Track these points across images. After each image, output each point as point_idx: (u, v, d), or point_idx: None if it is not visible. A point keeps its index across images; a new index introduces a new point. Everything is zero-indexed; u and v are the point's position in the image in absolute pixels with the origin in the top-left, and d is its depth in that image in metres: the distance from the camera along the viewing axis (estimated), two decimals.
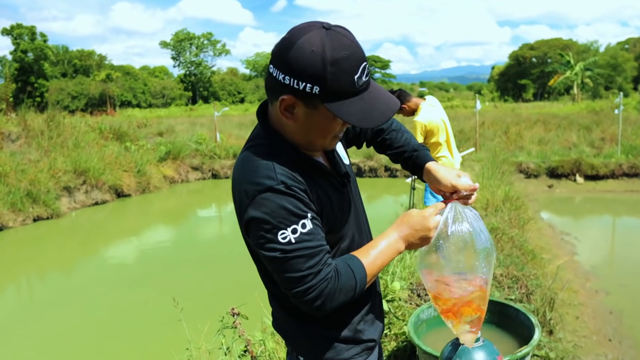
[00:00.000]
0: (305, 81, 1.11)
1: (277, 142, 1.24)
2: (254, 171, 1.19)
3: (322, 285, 1.17)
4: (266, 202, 1.14)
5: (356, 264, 1.23)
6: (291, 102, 1.15)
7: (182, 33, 64.26)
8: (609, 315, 4.77)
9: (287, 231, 1.14)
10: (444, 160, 4.79)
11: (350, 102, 1.14)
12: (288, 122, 1.20)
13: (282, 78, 1.13)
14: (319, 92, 1.11)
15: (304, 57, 1.09)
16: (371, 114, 1.16)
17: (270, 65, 1.17)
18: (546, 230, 7.72)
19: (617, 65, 48.12)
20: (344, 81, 1.12)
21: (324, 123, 1.19)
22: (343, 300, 1.21)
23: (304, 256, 1.16)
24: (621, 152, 12.07)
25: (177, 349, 2.87)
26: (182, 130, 17.89)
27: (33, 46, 48.62)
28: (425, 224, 1.31)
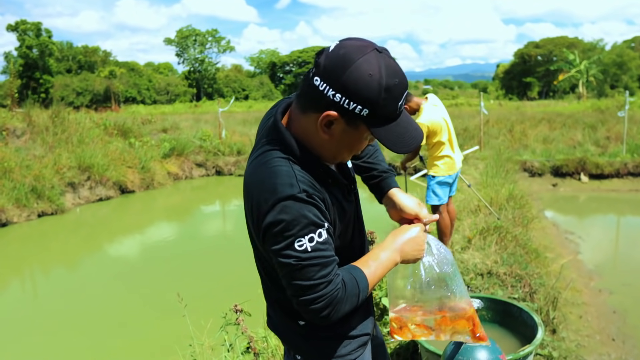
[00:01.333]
0: (357, 103, 1.12)
1: (298, 149, 1.23)
2: (275, 177, 1.18)
3: (332, 295, 1.18)
4: (287, 210, 1.14)
5: (360, 275, 1.26)
6: (334, 119, 1.16)
7: (187, 30, 64.25)
8: (613, 315, 4.76)
9: (305, 239, 1.15)
10: (446, 159, 4.78)
11: (390, 127, 1.19)
12: (322, 136, 1.20)
13: (332, 95, 1.13)
14: (367, 115, 1.14)
15: (361, 80, 1.10)
16: (405, 139, 1.21)
17: (316, 77, 1.15)
18: (550, 229, 7.71)
19: (623, 64, 47.88)
20: (391, 108, 1.16)
21: (356, 141, 1.23)
22: (347, 310, 1.23)
23: (317, 265, 1.17)
24: (626, 151, 12.01)
25: (181, 344, 2.88)
26: (187, 126, 17.90)
27: (38, 42, 48.72)
28: (420, 243, 1.38)
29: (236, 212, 11.20)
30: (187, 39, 63.64)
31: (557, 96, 48.71)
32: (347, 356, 1.40)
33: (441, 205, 4.84)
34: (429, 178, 4.85)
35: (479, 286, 4.19)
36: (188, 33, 63.94)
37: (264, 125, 1.36)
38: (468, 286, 4.18)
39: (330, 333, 1.38)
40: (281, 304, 1.39)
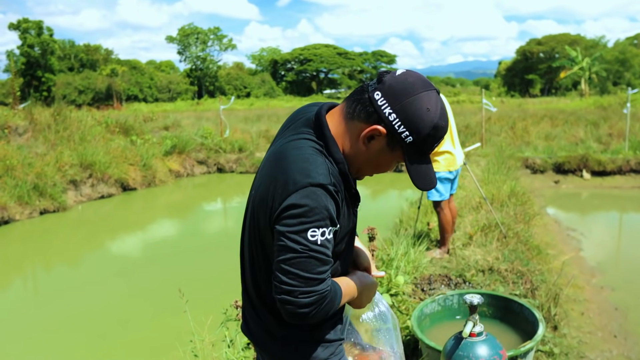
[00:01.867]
0: (407, 129, 1.20)
1: (336, 152, 1.26)
2: (309, 163, 1.20)
3: (321, 294, 1.19)
4: (314, 197, 1.16)
5: (339, 288, 1.29)
6: (379, 135, 1.23)
7: (189, 27, 64.20)
8: (615, 312, 4.75)
9: (318, 231, 1.17)
10: (446, 155, 4.77)
11: (420, 163, 1.27)
12: (360, 147, 1.26)
13: (388, 113, 1.20)
14: (409, 143, 1.22)
15: (420, 111, 1.19)
16: (425, 179, 1.28)
17: (377, 92, 1.22)
18: (552, 226, 7.70)
19: (626, 61, 47.71)
20: (430, 145, 1.24)
21: (386, 163, 1.31)
22: (324, 314, 1.24)
23: (319, 260, 1.18)
24: (629, 148, 11.99)
25: (182, 340, 2.88)
26: (188, 124, 17.90)
27: (39, 40, 48.74)
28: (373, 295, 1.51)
29: (237, 209, 11.20)
30: (189, 37, 63.60)
31: (559, 93, 48.60)
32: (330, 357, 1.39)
33: (442, 201, 4.83)
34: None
35: (480, 282, 4.19)
36: (190, 31, 63.89)
37: (295, 118, 1.39)
38: (469, 282, 4.18)
39: (307, 338, 1.37)
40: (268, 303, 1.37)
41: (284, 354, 1.38)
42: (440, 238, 5.01)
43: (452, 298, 3.28)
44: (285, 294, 1.18)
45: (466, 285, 4.14)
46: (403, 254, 4.23)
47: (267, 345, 1.41)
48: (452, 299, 3.27)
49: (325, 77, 65.75)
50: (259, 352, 1.48)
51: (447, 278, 4.24)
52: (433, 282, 4.15)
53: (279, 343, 1.38)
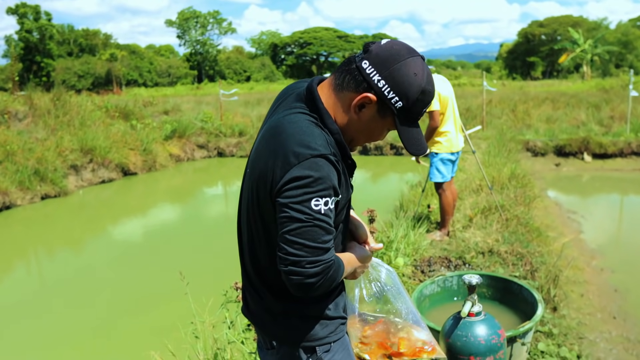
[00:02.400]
0: (396, 94, 1.23)
1: (331, 123, 1.28)
2: (308, 135, 1.22)
3: (327, 264, 1.20)
4: (316, 167, 1.17)
5: (341, 261, 1.30)
6: (369, 103, 1.25)
7: (188, 11, 63.69)
8: (614, 293, 4.77)
9: (321, 201, 1.18)
10: (448, 135, 4.76)
11: (411, 129, 1.30)
12: (352, 115, 1.28)
13: (376, 80, 1.23)
14: (399, 108, 1.25)
15: (407, 76, 1.23)
16: (417, 144, 1.31)
17: (365, 61, 1.25)
18: (552, 209, 7.70)
19: (628, 43, 47.35)
20: (418, 109, 1.27)
21: (378, 130, 1.33)
22: (328, 286, 1.25)
23: (324, 229, 1.19)
24: (630, 131, 11.95)
25: (183, 322, 2.90)
26: (188, 108, 17.85)
27: (37, 25, 48.39)
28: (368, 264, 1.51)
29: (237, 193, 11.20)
30: (188, 21, 63.12)
31: (561, 76, 48.30)
32: (325, 339, 1.38)
33: (444, 182, 4.83)
34: (431, 155, 4.84)
35: (480, 264, 4.20)
36: (189, 15, 63.40)
37: (285, 94, 1.40)
38: (469, 264, 4.19)
39: (306, 316, 1.37)
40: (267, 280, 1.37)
41: (284, 332, 1.38)
42: (441, 220, 5.02)
43: (451, 279, 3.29)
44: (291, 265, 1.18)
45: (466, 267, 4.15)
46: (403, 236, 4.24)
47: (266, 325, 1.41)
48: (451, 281, 3.28)
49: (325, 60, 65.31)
50: (259, 334, 1.48)
51: (447, 260, 4.25)
52: (433, 264, 4.16)
53: (278, 321, 1.38)
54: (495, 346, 1.90)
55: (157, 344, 2.86)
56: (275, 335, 1.40)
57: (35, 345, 4.61)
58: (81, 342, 4.64)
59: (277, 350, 1.40)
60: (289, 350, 1.38)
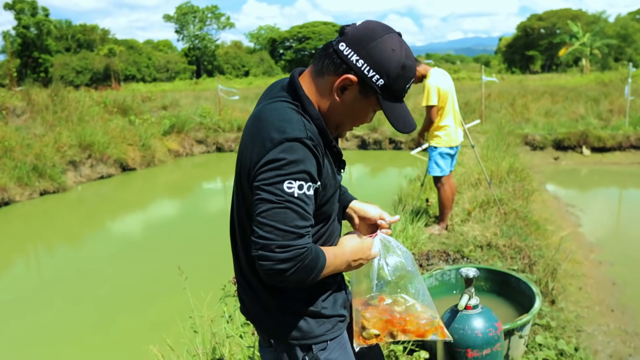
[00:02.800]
0: (376, 72, 1.22)
1: (311, 109, 1.28)
2: (286, 121, 1.22)
3: (299, 251, 1.16)
4: (290, 150, 1.17)
5: (322, 255, 1.24)
6: (351, 83, 1.24)
7: (186, 6, 63.51)
8: (612, 286, 4.78)
9: (295, 184, 1.16)
10: (447, 129, 4.76)
11: (395, 105, 1.29)
12: (334, 99, 1.27)
13: (355, 60, 1.23)
14: (381, 86, 1.24)
15: (385, 53, 1.22)
16: (404, 121, 1.31)
17: (342, 43, 1.25)
18: (551, 202, 7.71)
19: (627, 36, 47.25)
20: (401, 86, 1.26)
21: (363, 112, 1.31)
22: (302, 278, 1.20)
23: (297, 212, 1.16)
24: (629, 124, 11.94)
25: (181, 316, 2.90)
26: (187, 104, 17.83)
27: (35, 21, 48.23)
28: (368, 254, 1.39)
29: None
30: (186, 16, 62.96)
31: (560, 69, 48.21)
32: (322, 336, 1.38)
33: (443, 176, 4.83)
34: (430, 149, 4.83)
35: (478, 258, 4.21)
36: (187, 10, 63.23)
37: (271, 87, 1.41)
38: (467, 258, 4.19)
39: (302, 313, 1.36)
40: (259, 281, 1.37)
41: (280, 329, 1.37)
42: (440, 214, 5.02)
43: (449, 273, 3.29)
44: (261, 249, 1.15)
45: (464, 260, 4.16)
46: (401, 230, 4.25)
47: (264, 323, 1.41)
48: (449, 274, 3.29)
49: None
50: (258, 331, 1.48)
51: (445, 254, 4.26)
52: (431, 258, 4.17)
53: (275, 318, 1.37)
54: (492, 339, 1.90)
55: (156, 339, 2.87)
56: (272, 332, 1.40)
57: (34, 340, 4.62)
58: (80, 337, 4.65)
59: (274, 348, 1.40)
60: (286, 347, 1.38)
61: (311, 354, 1.37)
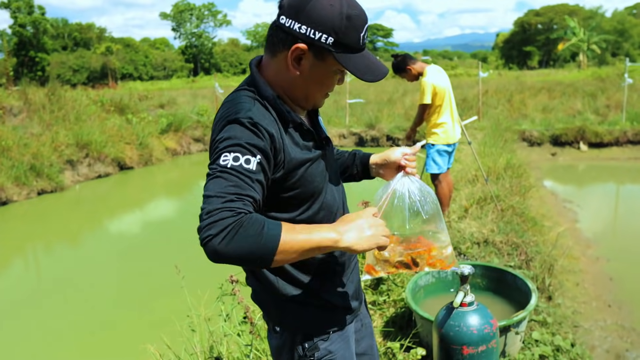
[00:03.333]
0: (322, 32, 1.19)
1: (265, 90, 1.27)
2: (232, 106, 1.24)
3: (226, 213, 1.07)
4: (228, 129, 1.18)
5: (273, 226, 1.10)
6: (302, 52, 1.22)
7: (183, 4, 63.43)
8: (609, 282, 4.80)
9: (229, 156, 1.14)
10: (445, 127, 4.76)
11: (356, 56, 1.24)
12: (293, 72, 1.25)
13: (297, 28, 1.20)
14: (332, 44, 1.20)
15: (324, 10, 1.19)
16: (373, 70, 1.26)
17: (282, 16, 1.23)
18: (548, 198, 7.72)
19: (624, 31, 47.33)
20: (353, 37, 1.22)
21: (325, 76, 1.27)
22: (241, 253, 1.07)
23: (229, 180, 1.11)
24: (626, 119, 11.97)
25: (179, 315, 2.91)
26: (184, 102, 17.83)
27: (31, 19, 48.10)
28: (360, 214, 1.23)
29: None
30: (183, 14, 62.87)
31: (558, 65, 48.28)
32: (324, 327, 1.39)
33: (440, 174, 4.84)
34: (428, 147, 4.84)
35: (475, 254, 4.22)
36: (184, 7, 63.14)
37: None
38: (464, 254, 4.21)
39: (308, 302, 1.37)
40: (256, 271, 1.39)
41: (284, 316, 1.39)
42: None
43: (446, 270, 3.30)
44: (200, 221, 1.11)
45: (461, 257, 4.17)
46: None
47: (270, 310, 1.43)
48: (446, 271, 3.30)
49: None
50: (264, 318, 1.49)
51: None
52: None
53: (280, 306, 1.39)
54: (487, 335, 1.91)
55: (154, 338, 2.87)
56: (277, 319, 1.41)
57: (32, 340, 4.63)
58: (77, 337, 4.65)
59: (280, 335, 1.42)
60: (289, 335, 1.40)
61: (311, 342, 1.38)
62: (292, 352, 1.40)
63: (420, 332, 2.92)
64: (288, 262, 1.14)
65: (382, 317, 3.31)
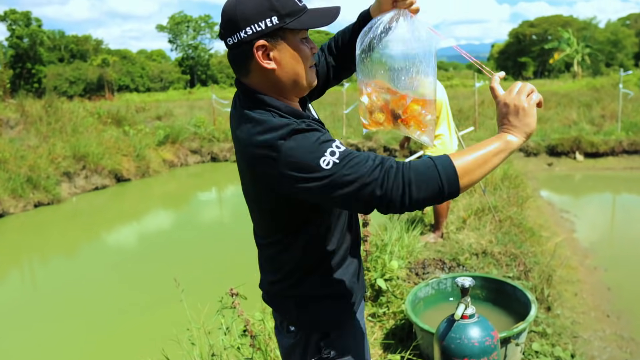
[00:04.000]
0: (262, 19, 1.21)
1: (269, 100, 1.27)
2: (266, 122, 1.21)
3: (393, 171, 1.14)
4: (293, 144, 1.16)
5: (438, 157, 1.19)
6: (264, 46, 1.23)
7: (179, 16, 63.65)
8: (608, 292, 4.81)
9: (327, 155, 1.15)
10: (443, 138, 4.79)
11: (305, 15, 1.26)
12: (271, 69, 1.25)
13: (244, 34, 1.22)
14: (278, 20, 1.22)
15: (249, 4, 1.22)
16: (327, 14, 1.28)
17: (228, 39, 1.25)
18: (545, 208, 7.74)
19: (618, 42, 47.71)
20: (289, 3, 1.24)
21: (297, 50, 1.27)
22: (428, 187, 1.15)
23: (356, 158, 1.15)
24: (621, 129, 12.03)
25: (179, 329, 2.90)
26: (181, 113, 17.84)
27: (28, 32, 48.19)
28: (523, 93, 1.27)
29: (232, 198, 11.20)
30: (179, 25, 63.06)
31: (553, 75, 48.54)
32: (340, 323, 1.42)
33: None
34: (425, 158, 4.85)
35: (474, 266, 4.22)
36: (180, 19, 63.34)
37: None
38: (463, 266, 4.21)
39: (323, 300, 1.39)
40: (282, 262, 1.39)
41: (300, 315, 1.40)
42: (435, 222, 5.04)
43: (445, 282, 3.31)
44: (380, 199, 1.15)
45: (460, 268, 4.17)
46: (397, 239, 4.26)
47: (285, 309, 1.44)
48: (445, 283, 3.30)
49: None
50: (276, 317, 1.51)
51: (441, 262, 4.27)
52: (427, 267, 4.18)
53: (296, 304, 1.40)
54: (488, 348, 1.91)
55: (153, 351, 2.86)
56: (294, 319, 1.42)
57: (27, 353, 4.59)
58: (75, 350, 4.62)
59: (295, 334, 1.43)
60: (305, 334, 1.41)
61: (328, 340, 1.40)
62: (305, 351, 1.41)
63: (421, 344, 2.91)
64: (474, 183, 1.20)
65: (382, 329, 3.30)
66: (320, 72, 1.59)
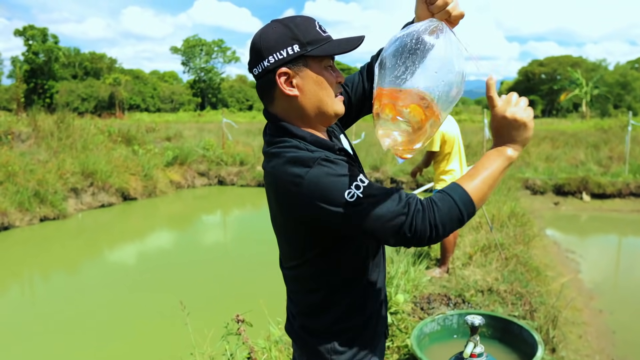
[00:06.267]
0: (285, 47, 1.25)
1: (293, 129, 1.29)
2: (295, 155, 1.23)
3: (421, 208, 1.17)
4: (319, 176, 1.18)
5: (449, 187, 1.24)
6: (287, 74, 1.26)
7: (193, 39, 64.68)
8: (613, 335, 4.75)
9: (352, 188, 1.17)
10: (454, 174, 4.81)
11: (327, 43, 1.28)
12: (294, 96, 1.28)
13: (267, 63, 1.26)
14: (300, 47, 1.25)
15: (273, 34, 1.26)
16: (349, 42, 1.29)
17: (254, 69, 1.30)
18: (551, 248, 7.70)
19: (627, 84, 48.05)
20: (312, 31, 1.27)
21: (321, 76, 1.29)
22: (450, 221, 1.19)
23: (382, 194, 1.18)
24: (629, 172, 12.03)
25: (182, 352, 2.88)
26: (190, 135, 17.96)
27: (44, 47, 49.03)
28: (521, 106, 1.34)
29: (237, 222, 11.21)
30: (193, 49, 64.02)
31: (561, 114, 48.80)
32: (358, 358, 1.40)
33: None
34: (435, 192, 4.87)
35: (480, 303, 4.19)
36: (195, 42, 64.33)
37: None
38: (468, 302, 4.18)
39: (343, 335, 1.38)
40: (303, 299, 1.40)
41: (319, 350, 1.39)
42: (441, 257, 5.02)
43: (451, 318, 3.28)
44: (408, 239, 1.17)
45: (465, 305, 4.15)
46: (403, 272, 4.25)
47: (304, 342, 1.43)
48: (451, 319, 3.28)
49: None
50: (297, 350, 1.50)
51: (446, 297, 4.25)
52: (432, 301, 4.16)
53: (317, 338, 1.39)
54: None
55: None
56: (311, 352, 1.41)
57: None
58: None
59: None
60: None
61: None
62: None
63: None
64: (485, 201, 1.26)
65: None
66: (357, 93, 1.57)
